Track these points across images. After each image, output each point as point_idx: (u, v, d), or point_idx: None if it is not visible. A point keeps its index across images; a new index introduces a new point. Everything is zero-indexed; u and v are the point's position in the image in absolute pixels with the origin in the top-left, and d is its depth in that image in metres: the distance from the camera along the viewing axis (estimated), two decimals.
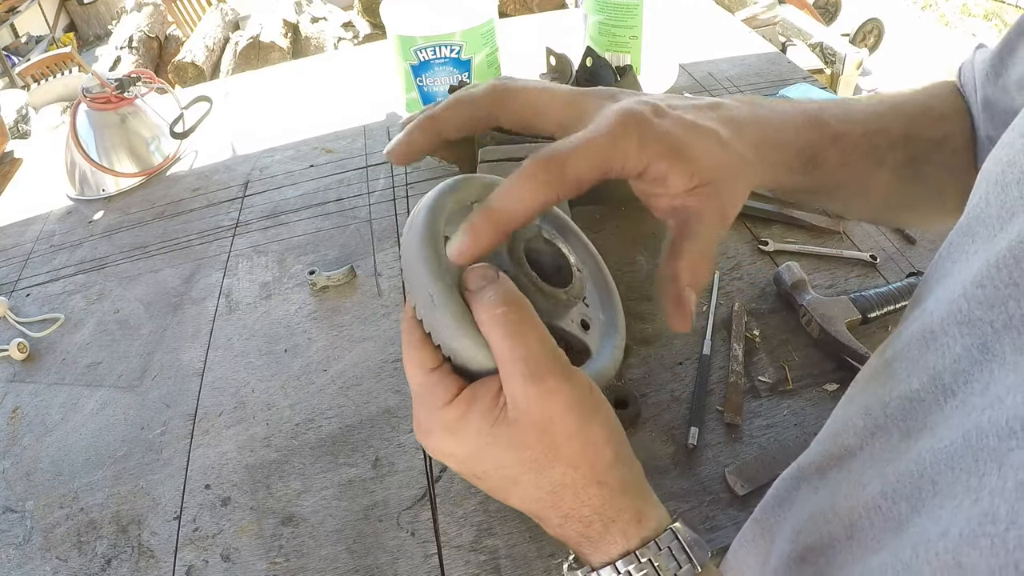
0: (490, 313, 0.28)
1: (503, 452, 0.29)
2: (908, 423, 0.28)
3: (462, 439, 0.30)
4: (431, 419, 0.30)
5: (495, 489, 0.31)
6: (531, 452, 0.29)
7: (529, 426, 0.28)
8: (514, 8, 3.25)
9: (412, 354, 0.31)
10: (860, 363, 0.60)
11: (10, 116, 2.86)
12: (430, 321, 0.29)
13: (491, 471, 0.30)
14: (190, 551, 0.54)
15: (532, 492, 0.30)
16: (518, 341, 0.28)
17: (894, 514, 0.26)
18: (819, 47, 2.84)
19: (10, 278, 0.86)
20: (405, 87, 0.93)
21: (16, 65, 3.85)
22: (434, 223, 0.30)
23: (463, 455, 0.30)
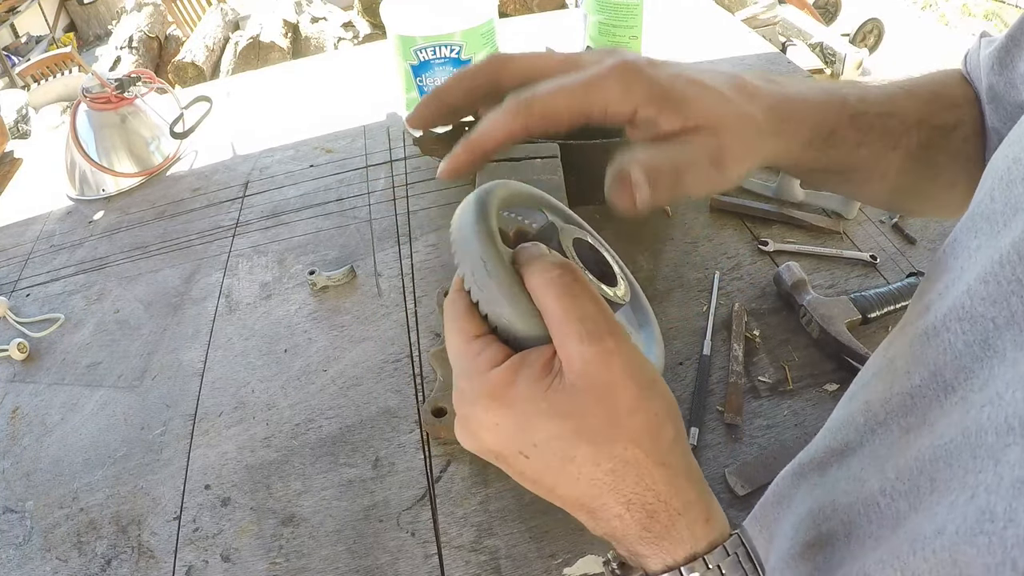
0: (543, 277, 0.27)
1: (558, 421, 0.26)
2: (908, 419, 0.28)
3: (511, 407, 0.27)
4: (475, 386, 0.28)
5: (544, 470, 0.27)
6: (590, 420, 0.26)
7: (587, 390, 0.26)
8: (514, 8, 3.25)
9: (455, 324, 0.29)
10: (860, 363, 0.60)
11: (10, 116, 2.86)
12: (481, 289, 0.28)
13: (543, 444, 0.27)
14: (190, 551, 0.54)
15: (589, 470, 0.27)
16: (573, 302, 0.27)
17: (892, 511, 0.26)
18: (819, 47, 2.84)
19: (10, 278, 0.86)
20: (405, 87, 0.93)
21: (16, 65, 3.85)
22: (488, 203, 0.30)
23: (511, 427, 0.27)
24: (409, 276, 0.77)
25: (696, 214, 0.80)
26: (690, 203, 0.82)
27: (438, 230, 0.83)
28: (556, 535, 0.52)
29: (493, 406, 0.27)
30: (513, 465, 0.28)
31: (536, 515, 0.53)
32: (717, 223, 0.79)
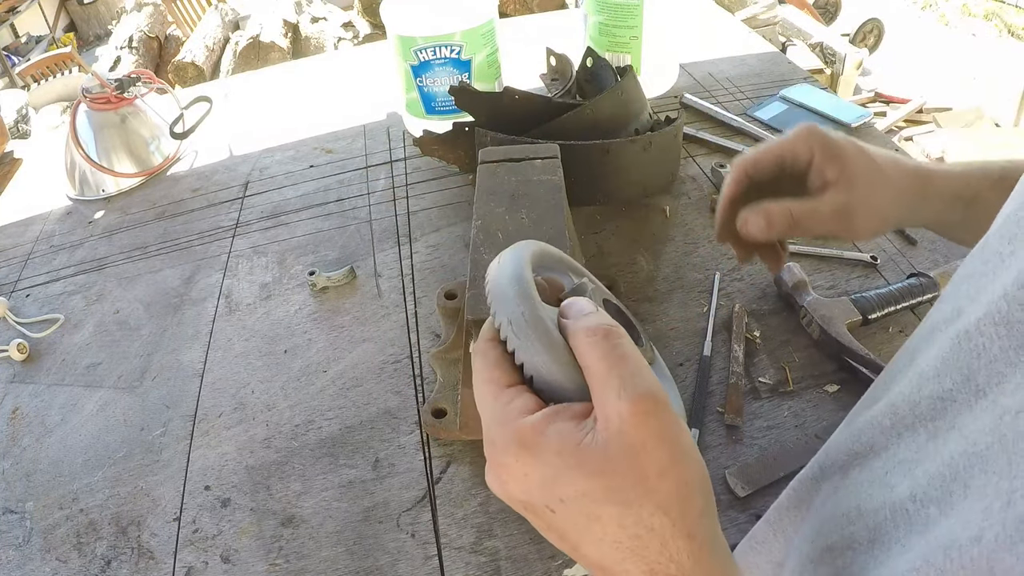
0: (589, 335, 0.28)
1: (587, 477, 0.26)
2: (937, 423, 0.27)
3: (540, 458, 0.26)
4: (505, 434, 0.27)
5: (569, 527, 0.27)
6: (619, 481, 0.26)
7: (620, 450, 0.25)
8: (514, 8, 3.25)
9: (488, 373, 0.29)
10: (861, 364, 0.60)
11: (10, 116, 2.86)
12: (518, 337, 0.28)
13: (570, 500, 0.26)
14: (190, 552, 0.54)
15: (613, 532, 0.26)
16: (617, 361, 0.27)
17: (921, 517, 0.26)
18: (819, 47, 2.84)
19: (10, 278, 0.86)
20: (405, 87, 0.92)
21: (16, 65, 3.85)
22: (524, 258, 0.31)
23: (539, 479, 0.26)
24: (409, 277, 0.77)
25: (696, 215, 0.80)
26: (690, 204, 0.82)
27: (438, 231, 0.83)
28: None
29: (523, 455, 0.27)
30: (540, 517, 0.28)
31: None
32: None
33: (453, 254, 0.79)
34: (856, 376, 0.60)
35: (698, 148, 0.92)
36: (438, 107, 0.92)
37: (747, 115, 0.96)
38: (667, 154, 0.80)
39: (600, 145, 0.73)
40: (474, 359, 0.30)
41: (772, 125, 0.94)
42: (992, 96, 2.93)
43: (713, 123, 0.96)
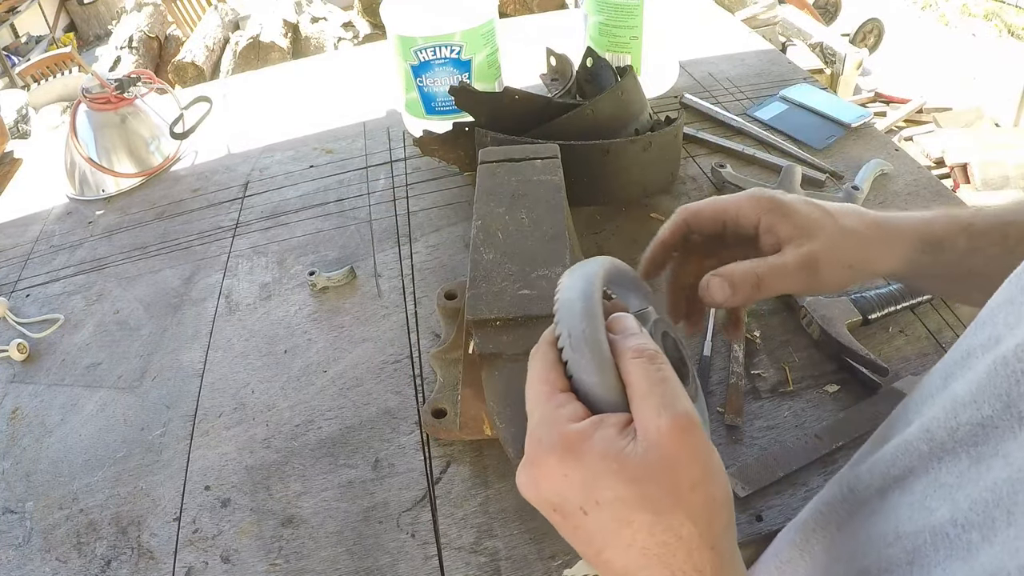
0: (636, 354, 0.30)
1: (625, 483, 0.28)
2: (979, 449, 0.27)
3: (583, 460, 0.28)
4: (553, 435, 0.29)
5: (599, 530, 0.29)
6: (655, 489, 0.27)
7: (657, 460, 0.27)
8: (514, 8, 3.25)
9: (543, 374, 0.31)
10: (861, 364, 0.60)
11: (10, 116, 2.86)
12: (574, 351, 0.31)
13: (605, 504, 0.28)
14: (190, 552, 0.54)
15: (643, 538, 0.28)
16: (658, 381, 0.29)
17: (963, 542, 0.26)
18: (819, 47, 2.84)
19: (10, 278, 0.86)
20: (405, 87, 0.92)
21: (16, 65, 3.85)
22: (597, 276, 0.33)
23: (578, 481, 0.28)
24: (409, 277, 0.77)
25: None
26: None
27: (438, 231, 0.83)
28: (556, 536, 0.51)
29: (567, 457, 0.28)
30: (569, 519, 0.29)
31: (537, 516, 0.52)
32: None
33: (453, 254, 0.79)
34: (856, 376, 0.60)
35: (698, 148, 0.92)
36: (438, 107, 0.92)
37: (747, 115, 0.96)
38: (667, 154, 0.80)
39: (600, 145, 0.73)
40: (532, 359, 0.32)
41: (772, 125, 0.94)
42: (992, 96, 2.93)
43: (713, 123, 0.96)
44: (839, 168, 0.85)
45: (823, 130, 0.91)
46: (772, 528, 0.51)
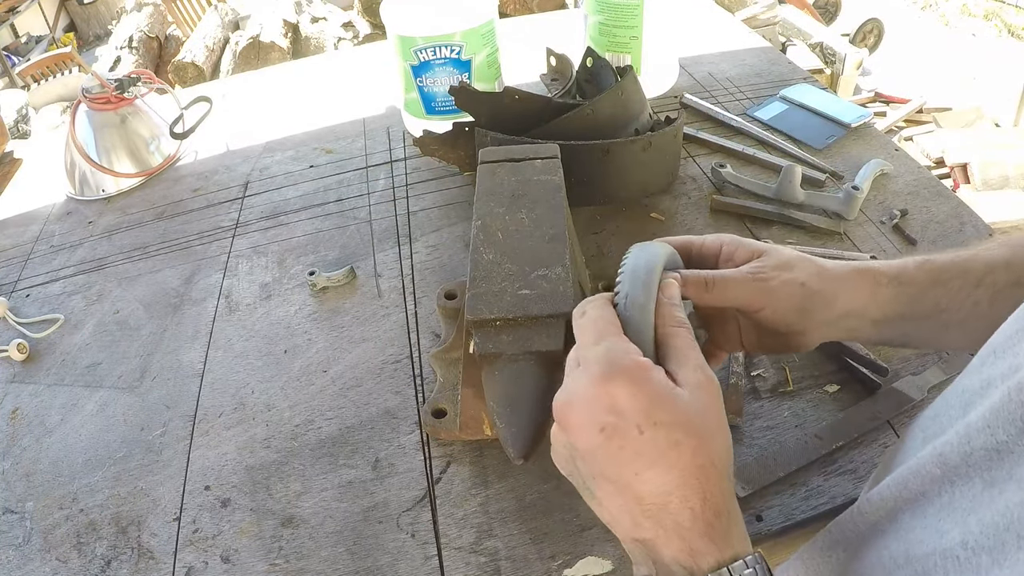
0: (677, 324, 0.36)
1: (680, 411, 0.32)
2: (993, 473, 0.28)
3: (649, 386, 0.32)
4: (627, 360, 0.33)
5: (649, 449, 0.32)
6: (699, 421, 0.32)
7: (699, 402, 0.33)
8: (514, 8, 3.25)
9: (608, 318, 0.36)
10: (861, 364, 0.60)
11: (10, 116, 2.86)
12: (627, 311, 0.36)
13: (662, 424, 0.32)
14: (190, 552, 0.54)
15: (687, 460, 0.31)
16: (693, 347, 0.35)
17: (972, 565, 0.26)
18: (819, 47, 2.84)
19: (10, 278, 0.86)
20: (405, 87, 0.92)
21: (16, 65, 3.85)
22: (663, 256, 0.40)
23: (645, 400, 0.32)
24: (409, 277, 0.77)
25: (696, 215, 0.80)
26: (690, 204, 0.82)
27: (438, 231, 0.83)
28: (556, 537, 0.52)
29: (639, 380, 0.32)
30: (620, 437, 0.32)
31: (536, 516, 0.53)
32: (717, 224, 0.79)
33: (453, 254, 0.79)
34: (856, 376, 0.60)
35: (698, 148, 0.92)
36: (438, 107, 0.92)
37: (747, 115, 0.96)
38: (667, 154, 0.80)
39: (600, 145, 0.73)
40: (590, 307, 0.37)
41: (772, 125, 0.94)
42: (992, 96, 2.93)
43: (713, 123, 0.96)
44: (839, 168, 0.85)
45: (823, 130, 0.91)
46: (772, 528, 0.51)
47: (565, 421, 0.34)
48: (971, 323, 0.43)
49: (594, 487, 0.34)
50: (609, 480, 0.33)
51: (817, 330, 0.44)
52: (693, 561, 0.31)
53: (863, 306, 0.44)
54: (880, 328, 0.45)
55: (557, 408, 0.34)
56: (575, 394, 0.34)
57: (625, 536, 0.34)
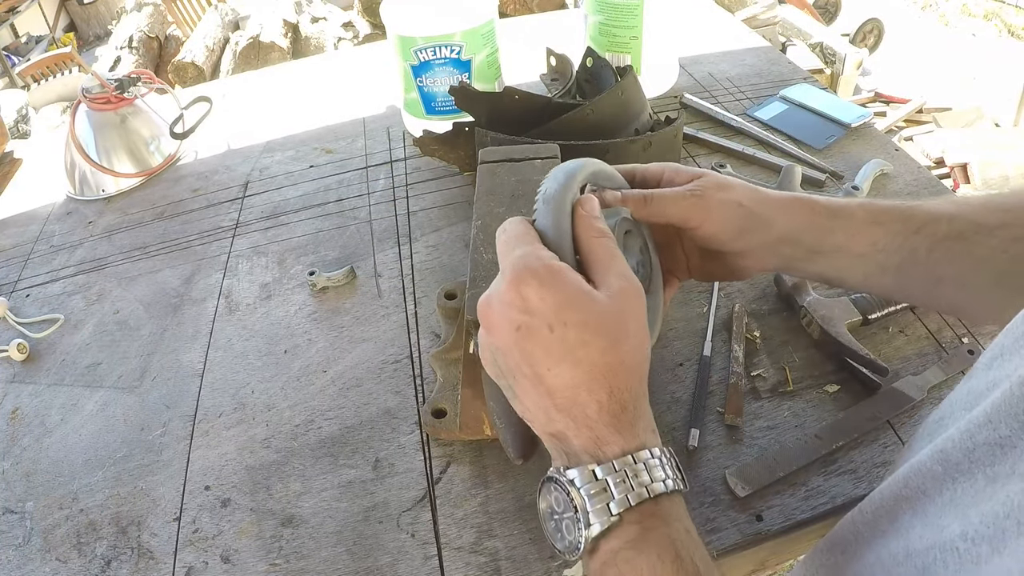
0: (597, 234, 0.38)
1: (590, 312, 0.34)
2: (995, 468, 0.28)
3: (560, 287, 0.34)
4: (537, 264, 0.34)
5: (558, 347, 0.34)
6: (612, 323, 0.34)
7: (616, 305, 0.35)
8: (514, 8, 3.25)
9: (524, 229, 0.38)
10: (861, 364, 0.60)
11: (10, 116, 2.86)
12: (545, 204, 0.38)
13: (571, 325, 0.33)
14: (190, 552, 0.54)
15: (595, 357, 0.34)
16: (615, 255, 0.37)
17: (972, 555, 0.26)
18: (819, 47, 2.84)
19: (10, 278, 0.86)
20: (405, 87, 0.92)
21: (16, 65, 3.85)
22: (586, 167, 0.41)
23: (554, 302, 0.34)
24: (409, 277, 0.77)
25: None
26: None
27: (438, 231, 0.83)
28: None
29: (548, 282, 0.34)
30: (533, 335, 0.34)
31: (536, 516, 0.53)
32: None
33: (453, 254, 0.79)
34: (856, 376, 0.60)
35: (698, 148, 0.92)
36: (438, 107, 0.92)
37: (747, 115, 0.96)
38: (667, 154, 0.80)
39: (600, 145, 0.73)
40: (514, 223, 0.38)
41: (772, 125, 0.94)
42: (992, 96, 2.93)
43: (713, 123, 0.96)
44: (839, 168, 0.85)
45: (823, 130, 0.91)
46: (772, 528, 0.51)
47: (486, 321, 0.36)
48: (907, 269, 0.44)
49: (514, 384, 0.36)
50: (525, 376, 0.35)
51: (755, 254, 0.46)
52: (599, 449, 0.34)
53: (799, 232, 0.45)
54: (816, 259, 0.46)
55: (479, 310, 0.36)
56: (492, 296, 0.36)
57: (542, 431, 0.36)
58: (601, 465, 0.33)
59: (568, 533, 0.34)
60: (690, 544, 0.33)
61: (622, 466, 0.33)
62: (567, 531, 0.34)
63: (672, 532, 0.33)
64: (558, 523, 0.35)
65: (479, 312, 0.36)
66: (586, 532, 0.33)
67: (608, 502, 0.33)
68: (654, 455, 0.34)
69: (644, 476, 0.33)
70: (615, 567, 0.32)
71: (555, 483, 0.35)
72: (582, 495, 0.33)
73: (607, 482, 0.33)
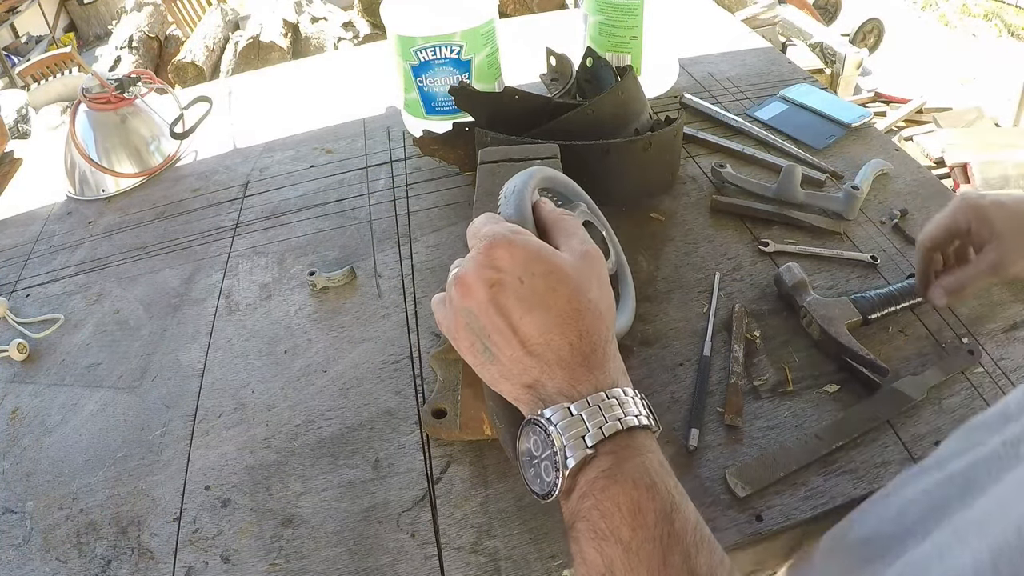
0: (558, 216, 0.42)
1: (555, 264, 0.38)
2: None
3: (527, 247, 0.38)
4: (503, 230, 0.39)
5: (529, 296, 0.37)
6: (575, 274, 0.38)
7: (578, 263, 0.39)
8: (514, 8, 3.25)
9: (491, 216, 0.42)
10: (861, 364, 0.60)
11: (10, 116, 2.86)
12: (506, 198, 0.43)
13: (540, 275, 0.37)
14: (190, 552, 0.54)
15: (563, 303, 0.37)
16: (577, 228, 0.42)
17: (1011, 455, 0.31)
18: (819, 47, 2.84)
19: (10, 278, 0.86)
20: (405, 87, 0.92)
21: (16, 65, 3.85)
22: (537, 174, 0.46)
23: (522, 258, 0.37)
24: (409, 277, 0.77)
25: (696, 215, 0.80)
26: (690, 204, 0.82)
27: (438, 231, 0.83)
28: (556, 536, 0.52)
29: (516, 242, 0.38)
30: (506, 288, 0.37)
31: (536, 516, 0.53)
32: (717, 224, 0.79)
33: (453, 254, 0.79)
34: (856, 376, 0.60)
35: (698, 148, 0.92)
36: (438, 107, 0.92)
37: (747, 115, 0.96)
38: (667, 154, 0.80)
39: (600, 145, 0.73)
40: (478, 218, 0.42)
41: (772, 125, 0.94)
42: (992, 96, 2.93)
43: (713, 123, 0.96)
44: (839, 168, 0.85)
45: (823, 130, 0.91)
46: (771, 528, 0.51)
47: (462, 286, 0.38)
48: None
49: (489, 343, 0.38)
50: (499, 331, 0.37)
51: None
52: (573, 387, 0.36)
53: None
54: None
55: (454, 280, 0.39)
56: (466, 264, 0.39)
57: (517, 385, 0.38)
58: (575, 403, 0.35)
59: (546, 474, 0.36)
60: (664, 474, 0.35)
61: (595, 401, 0.35)
62: (545, 472, 0.36)
63: (646, 461, 0.35)
64: (537, 466, 0.36)
65: (454, 281, 0.39)
66: (563, 469, 0.35)
67: (584, 435, 0.35)
68: (627, 394, 0.36)
69: (617, 410, 0.35)
70: (592, 497, 0.34)
71: (534, 423, 0.36)
72: (558, 430, 0.35)
73: (582, 417, 0.35)
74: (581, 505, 0.34)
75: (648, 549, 0.32)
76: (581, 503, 0.34)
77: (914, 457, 0.54)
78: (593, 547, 0.33)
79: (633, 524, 0.32)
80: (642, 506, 0.33)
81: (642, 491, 0.33)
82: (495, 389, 0.40)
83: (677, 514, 0.33)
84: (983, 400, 0.58)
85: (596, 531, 0.33)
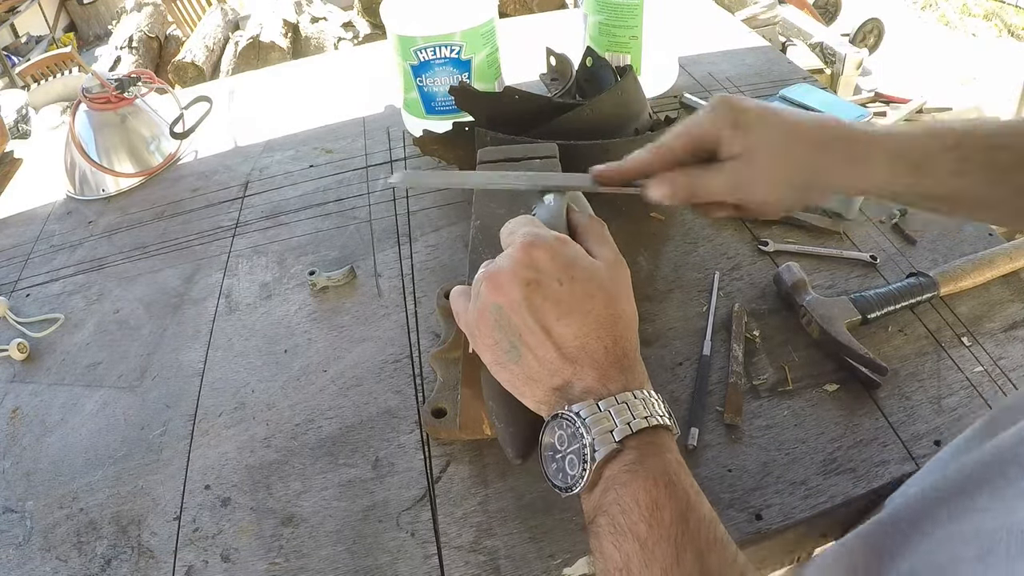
0: (592, 220, 0.45)
1: (595, 271, 0.39)
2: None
3: (568, 250, 0.39)
4: (549, 235, 0.40)
5: (568, 298, 0.38)
6: (610, 281, 0.39)
7: (613, 271, 0.40)
8: (514, 8, 3.25)
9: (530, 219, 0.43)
10: (860, 364, 0.60)
11: (10, 116, 2.86)
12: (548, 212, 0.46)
13: (579, 279, 0.38)
14: (190, 551, 0.54)
15: (600, 308, 0.38)
16: (607, 235, 0.43)
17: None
18: (819, 47, 2.84)
19: (10, 278, 0.86)
20: (405, 87, 0.93)
21: (16, 65, 3.85)
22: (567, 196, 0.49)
23: (563, 261, 0.39)
24: (409, 277, 0.77)
25: (695, 214, 0.80)
26: None
27: (438, 230, 0.83)
28: (556, 535, 0.52)
29: (557, 246, 0.39)
30: (544, 288, 0.38)
31: (536, 515, 0.53)
32: (717, 223, 0.79)
33: (453, 254, 0.79)
34: (855, 375, 0.60)
35: None
36: (438, 107, 0.92)
37: None
38: None
39: (600, 145, 0.73)
40: (515, 219, 0.44)
41: None
42: (992, 96, 2.93)
43: None
44: None
45: None
46: (771, 527, 0.51)
47: (494, 282, 0.38)
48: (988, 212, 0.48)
49: (519, 343, 0.38)
50: (532, 332, 0.37)
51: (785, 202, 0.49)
52: (603, 386, 0.37)
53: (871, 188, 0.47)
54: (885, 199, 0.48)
55: (486, 275, 0.39)
56: (502, 261, 0.39)
57: (545, 388, 0.38)
58: (603, 399, 0.36)
59: (571, 468, 0.36)
60: (682, 473, 0.35)
61: (623, 399, 0.36)
62: (570, 466, 0.36)
63: (666, 460, 0.35)
64: (560, 461, 0.37)
65: (485, 277, 0.39)
66: (590, 462, 0.35)
67: (611, 430, 0.35)
68: (652, 395, 0.37)
69: (642, 409, 0.36)
70: (613, 491, 0.34)
71: (561, 418, 0.37)
72: (587, 424, 0.35)
73: (610, 413, 0.36)
74: (603, 499, 0.35)
75: (663, 547, 0.32)
76: (603, 497, 0.35)
77: (914, 457, 0.54)
78: (612, 543, 0.33)
79: (650, 521, 0.33)
80: (660, 503, 0.33)
81: (661, 488, 0.34)
82: (513, 392, 0.40)
83: (692, 513, 0.34)
84: (982, 400, 0.58)
85: (615, 526, 0.33)
